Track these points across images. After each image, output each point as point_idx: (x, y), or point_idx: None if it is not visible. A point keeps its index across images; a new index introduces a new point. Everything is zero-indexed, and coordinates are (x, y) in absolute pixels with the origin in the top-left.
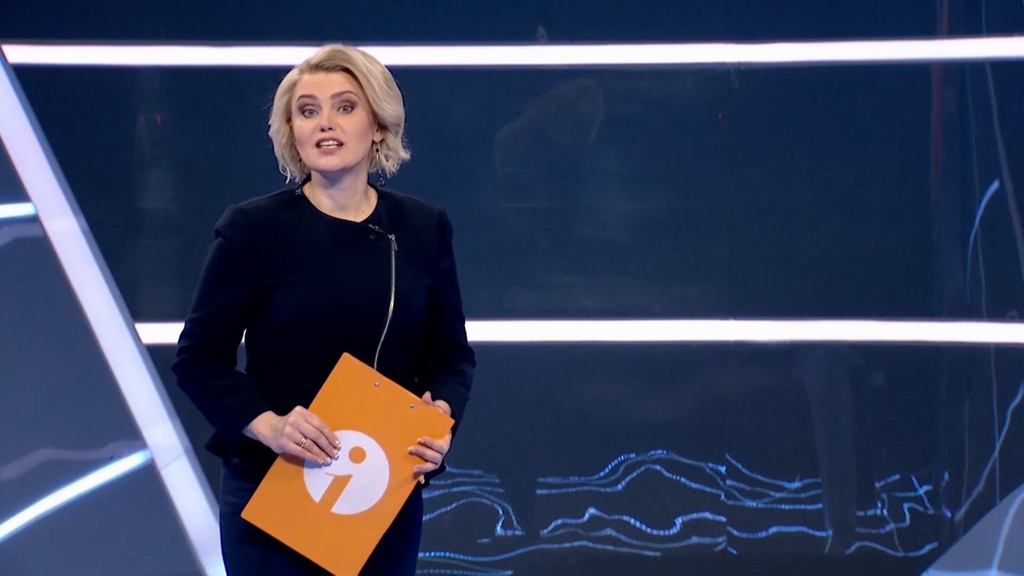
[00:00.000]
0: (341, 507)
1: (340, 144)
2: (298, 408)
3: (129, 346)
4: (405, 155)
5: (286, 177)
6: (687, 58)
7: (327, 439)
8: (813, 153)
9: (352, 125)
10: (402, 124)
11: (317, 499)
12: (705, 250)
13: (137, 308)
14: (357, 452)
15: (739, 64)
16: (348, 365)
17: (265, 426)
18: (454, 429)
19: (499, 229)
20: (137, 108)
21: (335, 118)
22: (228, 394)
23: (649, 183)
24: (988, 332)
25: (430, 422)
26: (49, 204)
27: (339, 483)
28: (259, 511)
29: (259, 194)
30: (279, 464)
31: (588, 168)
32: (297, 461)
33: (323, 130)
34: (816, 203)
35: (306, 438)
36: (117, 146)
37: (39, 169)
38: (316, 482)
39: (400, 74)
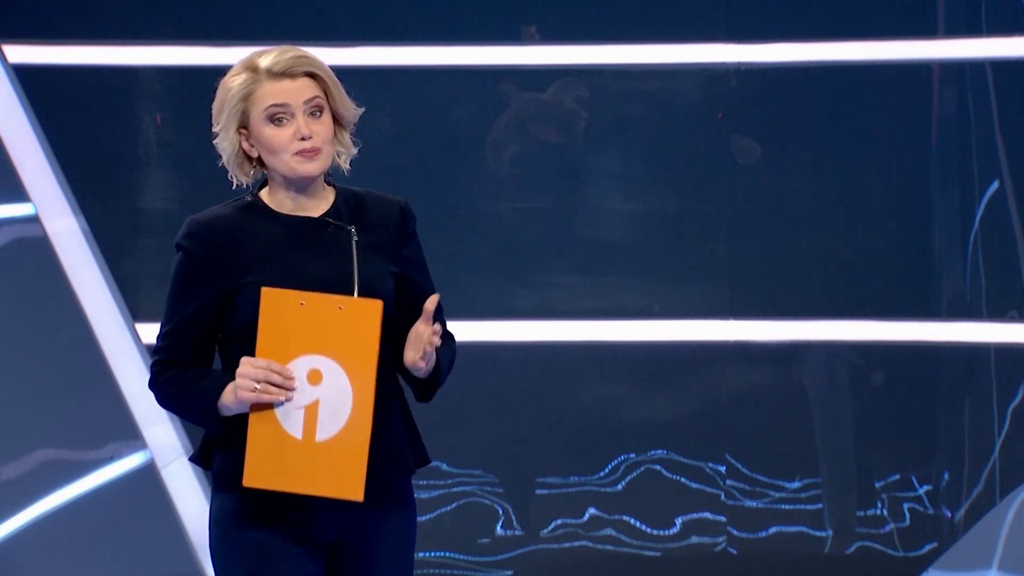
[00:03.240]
0: (323, 433)
1: (318, 150)
2: (243, 358)
3: (129, 346)
4: (354, 150)
5: (235, 185)
6: (687, 58)
7: (279, 374)
8: (813, 153)
9: (325, 129)
10: (355, 121)
11: (300, 437)
12: (705, 250)
13: (137, 308)
14: (314, 374)
15: (739, 64)
16: (269, 296)
17: (230, 392)
18: (441, 377)
19: (499, 229)
20: (137, 108)
21: (311, 125)
22: (194, 384)
23: (649, 183)
24: (988, 332)
25: (362, 312)
26: (49, 204)
27: (311, 411)
28: (255, 474)
29: (233, 198)
30: (251, 424)
31: (588, 168)
32: (266, 411)
33: (303, 139)
34: (816, 203)
35: (259, 382)
36: (117, 146)
37: (39, 169)
38: (291, 421)
39: (400, 74)
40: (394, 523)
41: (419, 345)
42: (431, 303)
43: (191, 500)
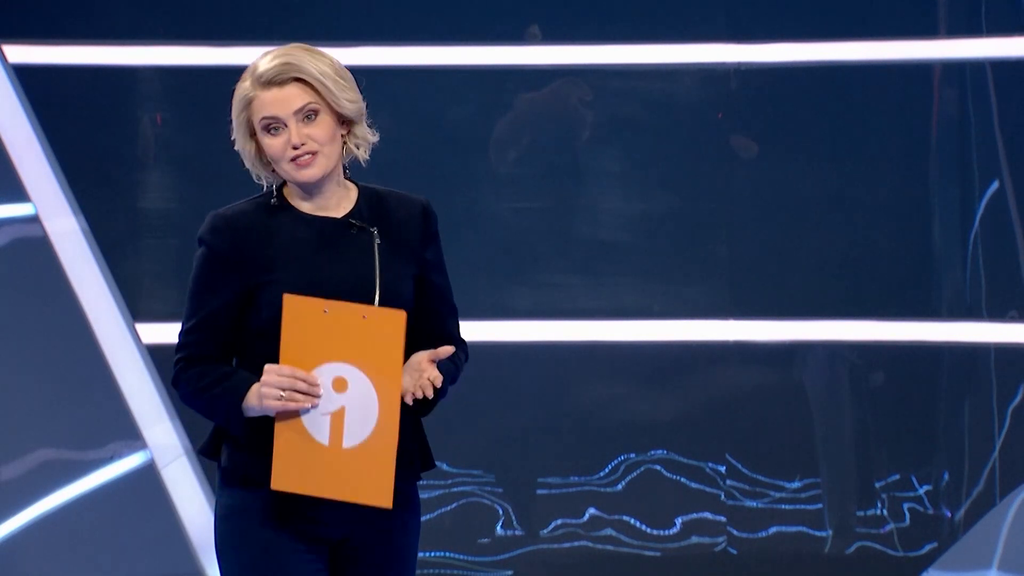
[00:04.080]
0: (350, 440)
1: (314, 154)
2: (267, 366)
3: (129, 346)
4: (374, 138)
5: (265, 188)
6: (687, 58)
7: (304, 381)
8: (813, 153)
9: (321, 132)
10: (364, 112)
11: (327, 443)
12: (705, 250)
13: (137, 308)
14: (339, 382)
15: (739, 64)
16: (293, 303)
17: (254, 396)
18: (442, 394)
19: (499, 229)
20: (137, 108)
21: (303, 130)
22: (219, 383)
23: (649, 183)
24: (988, 332)
25: (385, 322)
26: (49, 204)
27: (337, 419)
28: (284, 478)
29: (259, 194)
30: (278, 429)
31: (588, 168)
32: (292, 418)
33: (295, 147)
34: (816, 203)
35: (284, 390)
36: (117, 146)
37: (39, 169)
38: (318, 428)
39: (400, 74)
40: (399, 525)
41: (415, 378)
42: (446, 351)
43: (191, 500)
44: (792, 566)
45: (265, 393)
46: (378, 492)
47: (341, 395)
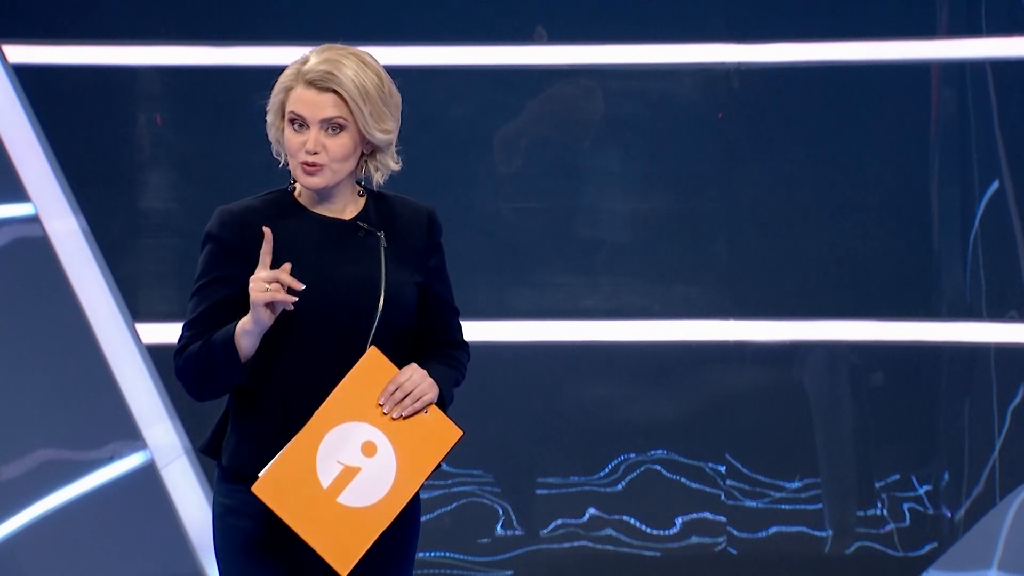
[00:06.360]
0: (346, 498)
1: (325, 166)
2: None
3: (129, 346)
4: (395, 167)
5: (281, 165)
6: (687, 58)
7: (287, 276)
8: (813, 153)
9: (338, 148)
10: (394, 143)
11: (325, 486)
12: (705, 250)
13: (137, 308)
14: (369, 446)
15: (739, 64)
16: (373, 358)
17: (244, 321)
18: (448, 400)
19: (499, 229)
20: (137, 108)
21: (321, 139)
22: (209, 339)
23: (649, 183)
24: (988, 332)
25: (443, 431)
26: (49, 204)
27: (348, 473)
28: (269, 488)
29: (266, 191)
30: (294, 444)
31: (588, 168)
32: (311, 443)
33: (308, 152)
34: (816, 203)
35: (270, 283)
36: (117, 146)
37: (39, 169)
38: (327, 468)
39: (400, 74)
40: (396, 521)
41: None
42: (388, 391)
43: (191, 500)
44: (792, 566)
45: (253, 287)
46: (342, 557)
47: (364, 457)
